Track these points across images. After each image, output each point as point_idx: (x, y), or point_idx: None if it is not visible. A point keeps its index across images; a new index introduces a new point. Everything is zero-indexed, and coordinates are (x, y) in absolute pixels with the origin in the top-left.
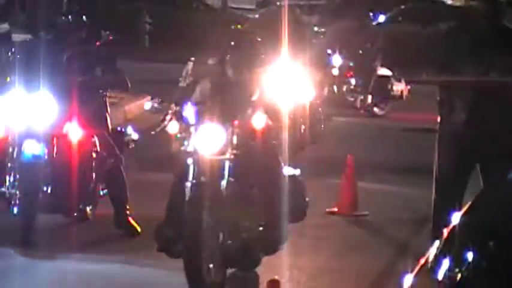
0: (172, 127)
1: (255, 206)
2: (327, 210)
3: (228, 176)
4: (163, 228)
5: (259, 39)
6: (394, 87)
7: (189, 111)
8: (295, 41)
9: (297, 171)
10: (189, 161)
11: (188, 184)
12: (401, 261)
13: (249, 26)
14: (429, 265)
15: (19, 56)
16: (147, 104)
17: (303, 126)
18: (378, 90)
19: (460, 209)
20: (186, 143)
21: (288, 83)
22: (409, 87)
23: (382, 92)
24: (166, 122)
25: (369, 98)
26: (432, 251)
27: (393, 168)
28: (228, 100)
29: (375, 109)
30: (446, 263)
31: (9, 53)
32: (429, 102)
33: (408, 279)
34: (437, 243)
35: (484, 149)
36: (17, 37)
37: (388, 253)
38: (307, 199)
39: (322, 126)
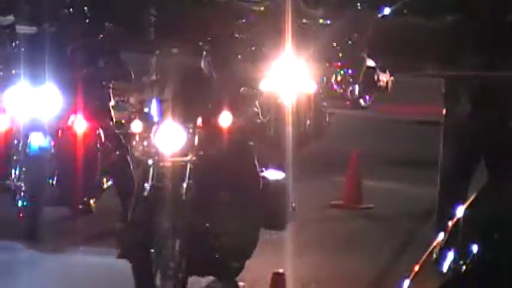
0: (136, 126)
1: (223, 211)
2: (332, 203)
3: (189, 178)
4: (124, 233)
5: (237, 37)
6: (380, 78)
7: (153, 108)
8: (299, 34)
9: (281, 175)
10: (150, 162)
11: (147, 186)
12: (404, 256)
13: (253, 19)
14: (433, 257)
15: (24, 49)
16: (112, 101)
17: (308, 122)
18: (365, 81)
19: (464, 202)
20: (145, 142)
21: (292, 77)
22: (392, 78)
23: (369, 83)
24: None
25: (357, 89)
26: (437, 244)
27: (394, 161)
28: (194, 98)
29: (360, 100)
30: (450, 256)
31: (14, 45)
32: (410, 93)
33: (406, 283)
34: (441, 235)
35: (488, 142)
36: (21, 29)
37: (392, 246)
38: (293, 204)
39: (328, 119)
